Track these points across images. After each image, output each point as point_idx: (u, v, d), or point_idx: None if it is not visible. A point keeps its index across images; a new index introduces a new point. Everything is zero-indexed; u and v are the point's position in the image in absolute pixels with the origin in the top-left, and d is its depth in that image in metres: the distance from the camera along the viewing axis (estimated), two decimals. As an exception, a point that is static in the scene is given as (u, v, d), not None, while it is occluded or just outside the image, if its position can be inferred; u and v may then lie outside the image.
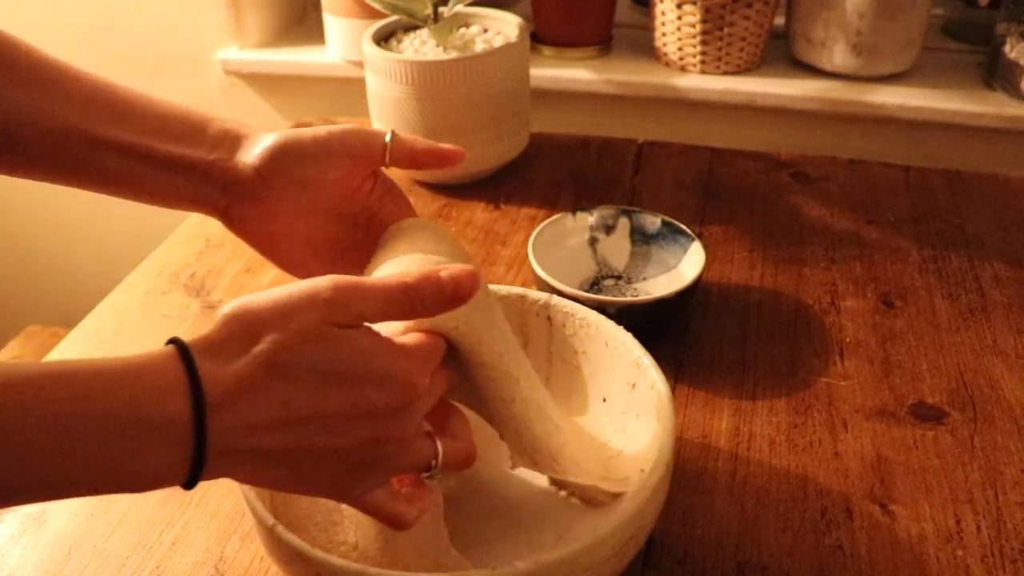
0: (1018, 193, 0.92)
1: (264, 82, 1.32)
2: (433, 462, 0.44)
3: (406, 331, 0.46)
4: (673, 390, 0.68)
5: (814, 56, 1.12)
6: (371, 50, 0.89)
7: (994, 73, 1.09)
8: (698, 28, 1.10)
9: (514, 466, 0.51)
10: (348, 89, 1.22)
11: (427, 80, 0.86)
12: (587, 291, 0.74)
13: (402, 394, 0.41)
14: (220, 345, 0.38)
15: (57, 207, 1.59)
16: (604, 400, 0.60)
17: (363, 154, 0.53)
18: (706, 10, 1.08)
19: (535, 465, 0.51)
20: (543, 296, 0.61)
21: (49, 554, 0.56)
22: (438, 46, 0.89)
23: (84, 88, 0.50)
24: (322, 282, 0.40)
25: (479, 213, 0.90)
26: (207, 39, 1.30)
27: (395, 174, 0.96)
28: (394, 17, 0.93)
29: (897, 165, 0.97)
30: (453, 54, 0.87)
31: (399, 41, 0.93)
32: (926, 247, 0.83)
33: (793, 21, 1.14)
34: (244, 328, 0.39)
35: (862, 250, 0.83)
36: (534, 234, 0.75)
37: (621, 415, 0.58)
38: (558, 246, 0.77)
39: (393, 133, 0.53)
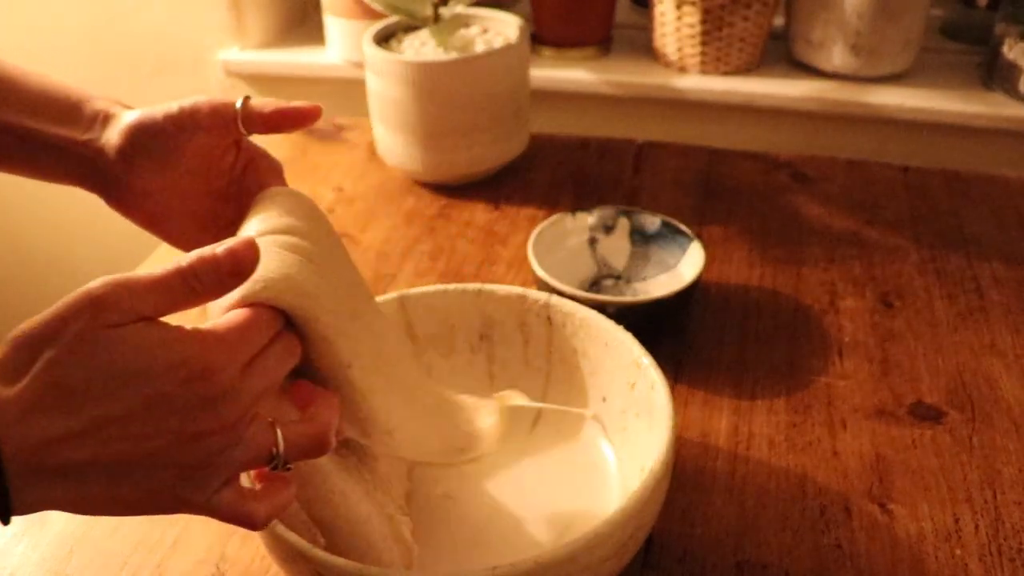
0: (1017, 193, 0.92)
1: (265, 83, 1.32)
2: (274, 450, 0.40)
3: (228, 307, 0.42)
4: (673, 390, 0.68)
5: (813, 57, 1.12)
6: (372, 51, 0.89)
7: (993, 73, 1.09)
8: (697, 29, 1.11)
9: (338, 435, 0.46)
10: (349, 90, 1.22)
11: (427, 81, 0.86)
12: (587, 291, 0.74)
13: (203, 382, 0.38)
14: (3, 368, 0.37)
15: (57, 207, 1.59)
16: (604, 399, 0.60)
17: (216, 125, 0.51)
18: (705, 11, 1.09)
19: (366, 437, 0.49)
20: (543, 296, 0.61)
21: (51, 553, 0.57)
22: (438, 47, 0.90)
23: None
24: (95, 283, 0.39)
25: (479, 213, 0.90)
26: (208, 40, 1.30)
27: (396, 173, 0.97)
28: (394, 18, 0.94)
29: (896, 165, 0.97)
30: (453, 55, 0.87)
31: (399, 42, 0.93)
32: (925, 247, 0.83)
33: (792, 22, 1.14)
34: (24, 349, 0.38)
35: (861, 250, 0.83)
36: (534, 234, 0.75)
37: (621, 414, 0.58)
38: (558, 246, 0.77)
39: (244, 99, 0.51)
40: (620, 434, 0.58)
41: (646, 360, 0.56)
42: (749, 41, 1.12)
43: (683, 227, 0.76)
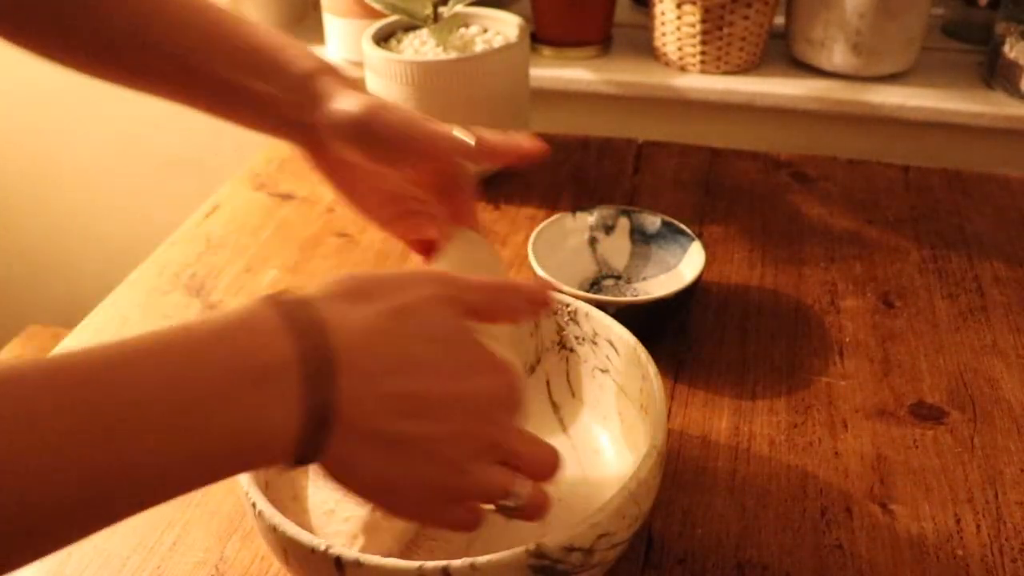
0: (1018, 193, 0.92)
1: (264, 82, 1.32)
2: (511, 490, 0.41)
3: None
4: (673, 390, 0.68)
5: (814, 56, 1.12)
6: (371, 50, 0.89)
7: (994, 73, 1.09)
8: (698, 28, 1.10)
9: None
10: (348, 89, 1.22)
11: (427, 80, 0.86)
12: (587, 291, 0.74)
13: (507, 390, 0.40)
14: (333, 297, 0.37)
15: (57, 207, 1.59)
16: (600, 390, 0.60)
17: (446, 154, 0.54)
18: (706, 10, 1.08)
19: None
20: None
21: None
22: (438, 46, 0.89)
23: (182, 13, 0.53)
24: (427, 270, 0.43)
25: (479, 213, 0.90)
26: (207, 39, 1.30)
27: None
28: (394, 17, 0.93)
29: (897, 165, 0.97)
30: (453, 54, 0.87)
31: (399, 41, 0.93)
32: (926, 247, 0.83)
33: (793, 21, 1.14)
34: (360, 285, 0.38)
35: (862, 250, 0.83)
36: (534, 234, 0.75)
37: (616, 404, 0.58)
38: (558, 246, 0.77)
39: (477, 139, 0.54)
40: (618, 425, 0.59)
41: (643, 355, 0.56)
42: (749, 40, 1.12)
43: (683, 227, 0.76)
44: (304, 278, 0.81)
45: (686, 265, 0.75)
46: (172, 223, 0.91)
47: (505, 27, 0.93)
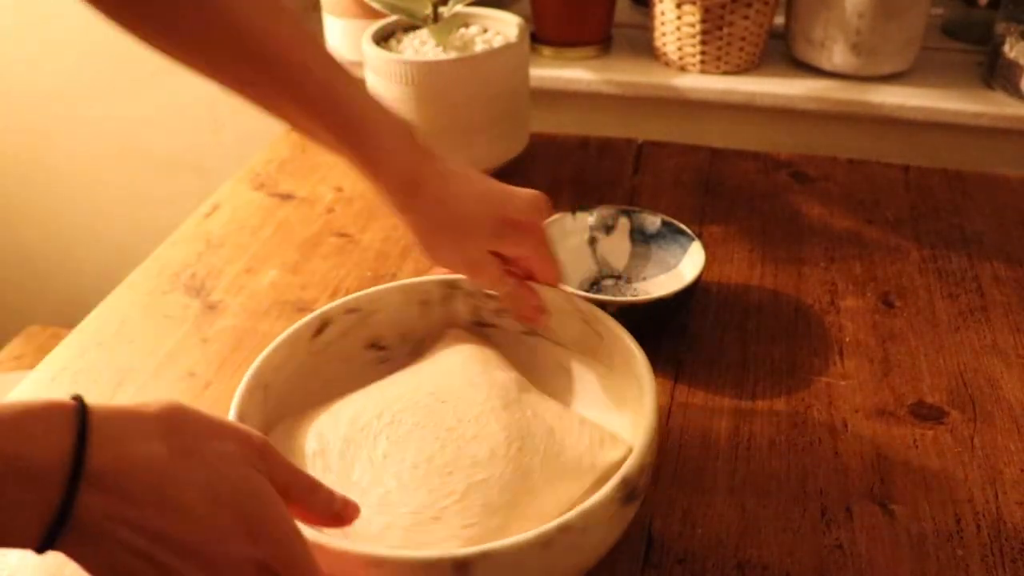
0: (1018, 192, 0.92)
1: (264, 82, 1.32)
2: None
3: None
4: (673, 390, 0.68)
5: (814, 56, 1.12)
6: (371, 50, 0.89)
7: (994, 73, 1.09)
8: (698, 28, 1.10)
9: None
10: (348, 89, 1.22)
11: (427, 80, 0.86)
12: (587, 291, 0.74)
13: (281, 565, 0.40)
14: (132, 420, 0.38)
15: (57, 207, 1.59)
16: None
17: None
18: (706, 10, 1.08)
19: None
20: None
21: (50, 554, 0.56)
22: (438, 46, 0.89)
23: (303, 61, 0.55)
24: (256, 433, 0.43)
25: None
26: (207, 39, 1.30)
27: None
28: (394, 17, 0.93)
29: (896, 165, 0.97)
30: (453, 54, 0.87)
31: (399, 41, 0.93)
32: (926, 247, 0.83)
33: (793, 21, 1.14)
34: (169, 418, 0.39)
35: (862, 250, 0.83)
36: (534, 234, 0.75)
37: (607, 392, 0.59)
38: (558, 246, 0.76)
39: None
40: (609, 413, 0.59)
41: (632, 345, 0.56)
42: (749, 40, 1.12)
43: (683, 227, 0.76)
44: (304, 278, 0.81)
45: (686, 265, 0.74)
46: (172, 223, 0.91)
47: (505, 27, 0.93)
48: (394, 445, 0.52)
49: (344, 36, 1.19)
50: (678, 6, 1.10)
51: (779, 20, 1.17)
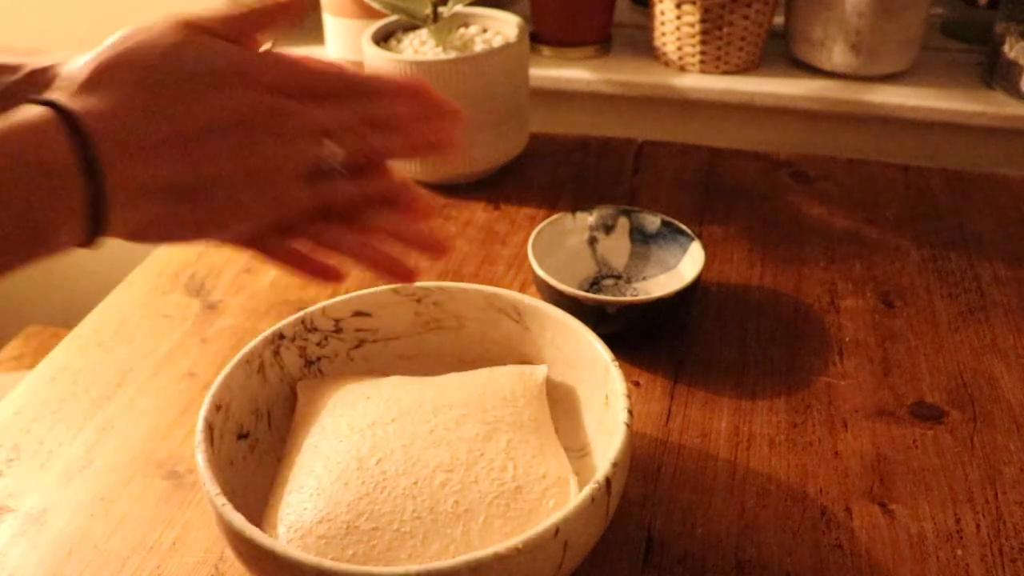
0: (1018, 192, 0.92)
1: (264, 82, 1.32)
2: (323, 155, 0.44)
3: None
4: (673, 390, 0.68)
5: (813, 56, 1.12)
6: (371, 50, 0.89)
7: (993, 72, 1.09)
8: (697, 28, 1.10)
9: None
10: (348, 89, 1.22)
11: (427, 80, 0.86)
12: (587, 291, 0.74)
13: (274, 96, 0.42)
14: (89, 84, 0.39)
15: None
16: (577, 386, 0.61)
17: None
18: (705, 10, 1.08)
19: None
20: (511, 294, 0.61)
21: (50, 554, 0.56)
22: (437, 46, 0.89)
23: None
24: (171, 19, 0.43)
25: (479, 213, 0.90)
26: (207, 39, 1.30)
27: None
28: (394, 17, 0.93)
29: (896, 164, 0.97)
30: (453, 54, 0.87)
31: (399, 41, 0.93)
32: (925, 247, 0.83)
33: (792, 21, 1.14)
34: (112, 64, 0.40)
35: (861, 250, 0.83)
36: (534, 234, 0.75)
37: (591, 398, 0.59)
38: (558, 246, 0.77)
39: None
40: (589, 413, 0.59)
41: (604, 352, 0.55)
42: (749, 40, 1.12)
43: (683, 227, 0.76)
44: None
45: (686, 265, 0.75)
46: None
47: (505, 27, 0.93)
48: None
49: (344, 36, 1.19)
50: (678, 6, 1.10)
51: (779, 20, 1.17)
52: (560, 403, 0.59)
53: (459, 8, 0.90)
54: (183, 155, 0.39)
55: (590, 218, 0.79)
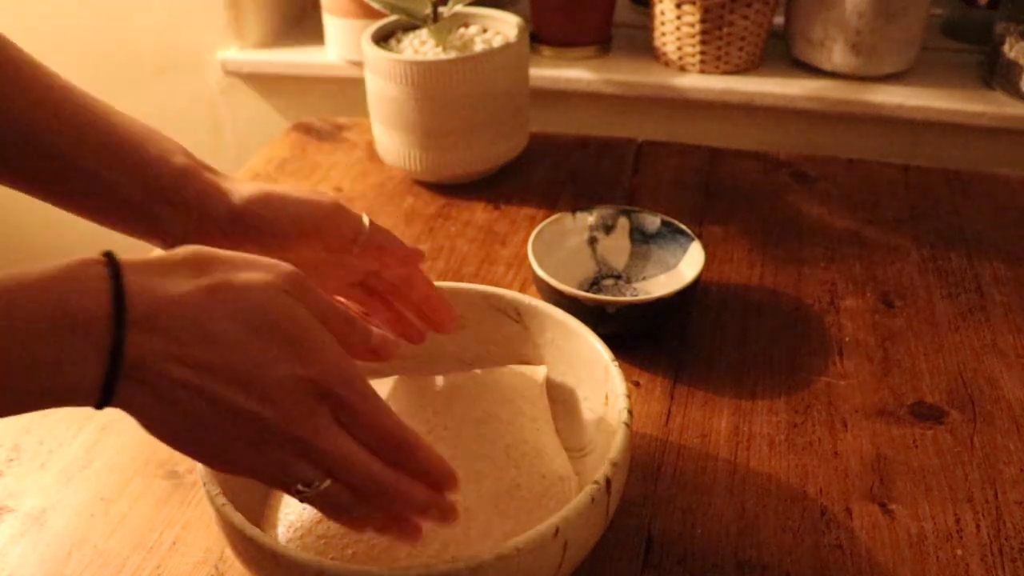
0: (1018, 192, 0.92)
1: (264, 82, 1.32)
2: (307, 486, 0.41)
3: None
4: (673, 390, 0.68)
5: (813, 56, 1.12)
6: (371, 50, 0.89)
7: (993, 73, 1.09)
8: (697, 28, 1.10)
9: None
10: (348, 89, 1.22)
11: (427, 80, 0.86)
12: (587, 291, 0.74)
13: (330, 381, 0.40)
14: (161, 267, 0.39)
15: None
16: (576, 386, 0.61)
17: (335, 240, 0.54)
18: (705, 10, 1.08)
19: None
20: (511, 294, 0.61)
21: (50, 554, 0.56)
22: (437, 46, 0.89)
23: (76, 118, 0.54)
24: (285, 263, 0.42)
25: (479, 213, 0.90)
26: (207, 39, 1.30)
27: (395, 173, 0.97)
28: (393, 17, 0.93)
29: (896, 164, 0.97)
30: (452, 54, 0.87)
31: (399, 41, 0.93)
32: (925, 246, 0.83)
33: (792, 21, 1.14)
34: (196, 259, 0.40)
35: (861, 249, 0.83)
36: (534, 234, 0.75)
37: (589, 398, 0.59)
38: (558, 246, 0.77)
39: (371, 226, 0.54)
40: (590, 413, 0.58)
41: (603, 350, 0.55)
42: (749, 40, 1.12)
43: (683, 227, 0.76)
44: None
45: (686, 265, 0.75)
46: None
47: (505, 27, 0.93)
48: None
49: (344, 36, 1.19)
50: (678, 6, 1.10)
51: (779, 20, 1.17)
52: (560, 403, 0.59)
53: (459, 8, 0.90)
54: (198, 395, 0.38)
55: (590, 218, 0.79)
